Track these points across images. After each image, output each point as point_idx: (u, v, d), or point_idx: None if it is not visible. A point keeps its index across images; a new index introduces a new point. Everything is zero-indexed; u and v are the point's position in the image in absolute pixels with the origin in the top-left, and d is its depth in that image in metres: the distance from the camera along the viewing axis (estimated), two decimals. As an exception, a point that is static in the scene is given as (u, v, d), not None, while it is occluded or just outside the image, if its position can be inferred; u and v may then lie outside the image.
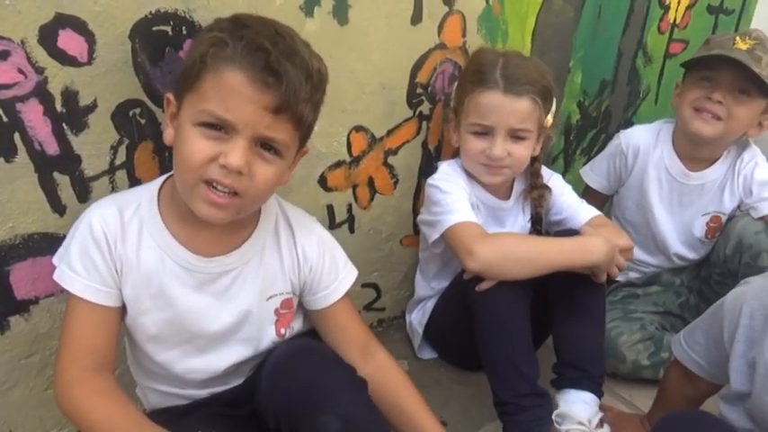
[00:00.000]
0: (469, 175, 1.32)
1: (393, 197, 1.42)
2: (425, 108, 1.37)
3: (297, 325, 1.06)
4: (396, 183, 1.41)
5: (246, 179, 0.82)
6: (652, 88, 1.97)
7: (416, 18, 1.24)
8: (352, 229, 1.39)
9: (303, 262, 1.00)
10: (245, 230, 0.96)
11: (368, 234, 1.43)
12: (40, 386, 1.07)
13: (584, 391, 1.18)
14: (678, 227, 1.56)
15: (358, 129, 1.28)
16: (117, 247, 0.89)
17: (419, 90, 1.33)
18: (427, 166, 1.44)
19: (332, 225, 1.35)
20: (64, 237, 0.96)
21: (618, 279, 1.55)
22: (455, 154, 1.38)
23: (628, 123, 1.93)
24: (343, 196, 1.33)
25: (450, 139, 1.34)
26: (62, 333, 0.90)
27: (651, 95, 1.99)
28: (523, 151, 1.26)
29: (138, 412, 0.89)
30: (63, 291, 0.96)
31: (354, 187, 1.34)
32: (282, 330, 1.02)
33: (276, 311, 1.00)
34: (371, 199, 1.39)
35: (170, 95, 0.87)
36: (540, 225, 1.41)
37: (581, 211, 1.36)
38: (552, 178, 1.40)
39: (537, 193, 1.36)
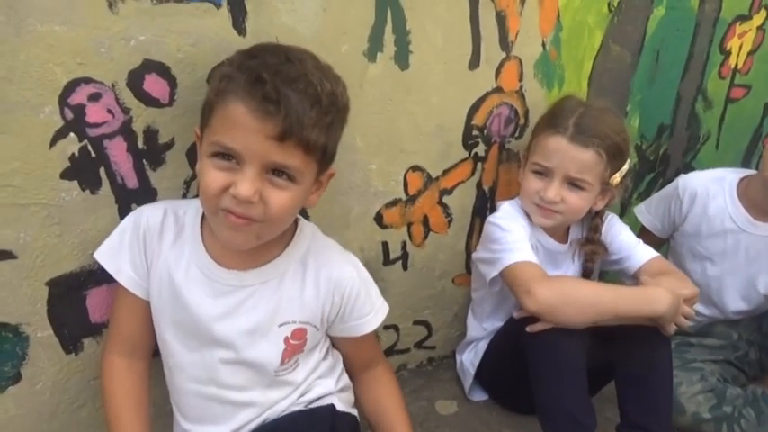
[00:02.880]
0: (530, 219, 1.33)
1: (447, 236, 1.44)
2: (481, 150, 1.39)
3: (302, 374, 1.04)
4: (450, 222, 1.43)
5: (260, 206, 0.85)
6: (713, 133, 1.94)
7: (474, 63, 1.28)
8: (405, 266, 1.41)
9: (330, 294, 1.01)
10: (270, 253, 0.98)
11: (421, 272, 1.45)
12: (106, 406, 1.12)
13: None
14: (739, 280, 1.51)
15: (415, 168, 1.31)
16: (152, 242, 0.97)
17: (475, 132, 1.36)
18: (481, 207, 1.46)
19: (386, 261, 1.37)
20: (137, 265, 1.03)
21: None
22: (511, 196, 1.39)
23: (687, 168, 1.90)
24: (398, 233, 1.36)
25: (518, 178, 1.37)
26: (109, 320, 1.04)
27: (712, 140, 1.95)
28: (578, 201, 1.26)
29: (137, 400, 1.01)
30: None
31: (409, 225, 1.37)
32: (287, 360, 1.01)
33: (286, 340, 1.00)
34: (425, 237, 1.41)
35: (197, 129, 0.92)
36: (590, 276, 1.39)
37: (638, 252, 1.34)
38: (609, 218, 1.39)
39: (591, 248, 1.35)
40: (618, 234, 1.37)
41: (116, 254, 0.97)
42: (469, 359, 1.45)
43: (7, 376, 1.00)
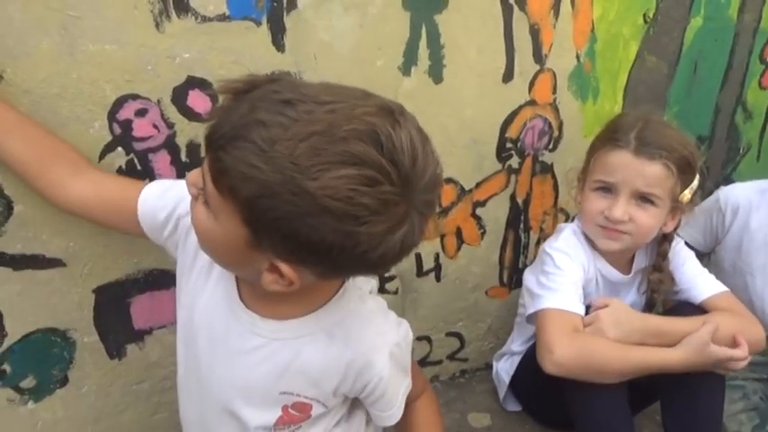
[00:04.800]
0: (592, 246, 1.26)
1: (480, 248, 1.45)
2: (514, 162, 1.40)
3: None
4: (483, 234, 1.43)
5: None
6: (753, 144, 1.90)
7: (508, 76, 1.29)
8: (438, 278, 1.42)
9: (351, 380, 0.85)
10: (296, 309, 0.82)
11: (454, 283, 1.45)
12: (148, 411, 1.16)
13: None
14: None
15: (448, 181, 1.32)
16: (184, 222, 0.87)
17: (508, 144, 1.36)
18: (515, 219, 1.46)
19: (419, 273, 1.38)
20: (178, 274, 1.07)
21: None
22: (545, 209, 1.38)
23: (727, 180, 1.86)
24: (431, 245, 1.37)
25: (575, 201, 1.31)
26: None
27: (752, 152, 1.91)
28: (648, 219, 1.17)
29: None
30: (174, 322, 1.06)
31: (442, 237, 1.38)
32: (284, 426, 0.88)
33: (285, 408, 0.86)
34: (459, 249, 1.41)
35: None
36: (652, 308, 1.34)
37: (699, 285, 1.26)
38: (675, 243, 1.30)
39: (657, 276, 1.26)
40: (682, 263, 1.28)
41: (156, 186, 0.91)
42: (505, 369, 1.44)
43: (55, 379, 1.05)
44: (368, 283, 0.91)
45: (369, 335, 0.84)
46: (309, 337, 0.82)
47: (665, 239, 1.26)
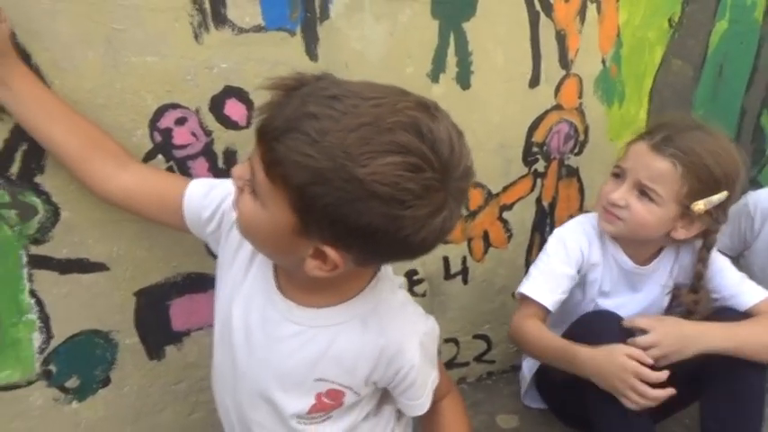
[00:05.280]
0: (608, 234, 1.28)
1: (507, 251, 1.46)
2: (540, 166, 1.41)
3: (339, 426, 0.92)
4: (510, 237, 1.45)
5: None
6: (780, 146, 1.89)
7: (534, 82, 1.31)
8: (465, 281, 1.44)
9: (383, 366, 0.87)
10: (330, 299, 0.85)
11: (481, 285, 1.47)
12: (185, 411, 1.19)
13: None
14: None
15: (475, 185, 1.34)
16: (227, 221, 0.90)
17: (535, 149, 1.38)
18: (540, 222, 1.47)
19: (447, 276, 1.40)
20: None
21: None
22: (570, 212, 1.40)
23: (753, 183, 1.85)
24: (458, 248, 1.39)
25: None
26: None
27: (779, 154, 1.90)
28: (643, 212, 1.18)
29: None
30: (211, 324, 1.09)
31: (469, 240, 1.40)
32: (316, 415, 0.90)
33: (318, 396, 0.88)
34: (485, 252, 1.43)
35: None
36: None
37: (744, 292, 1.25)
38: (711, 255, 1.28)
39: (693, 298, 1.26)
40: (720, 270, 1.27)
41: (202, 184, 0.94)
42: (528, 365, 1.45)
43: (98, 380, 1.08)
44: (397, 278, 0.95)
45: (401, 323, 0.88)
46: (344, 325, 0.85)
47: (699, 261, 1.24)
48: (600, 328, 1.20)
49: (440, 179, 0.68)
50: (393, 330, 0.86)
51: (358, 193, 0.65)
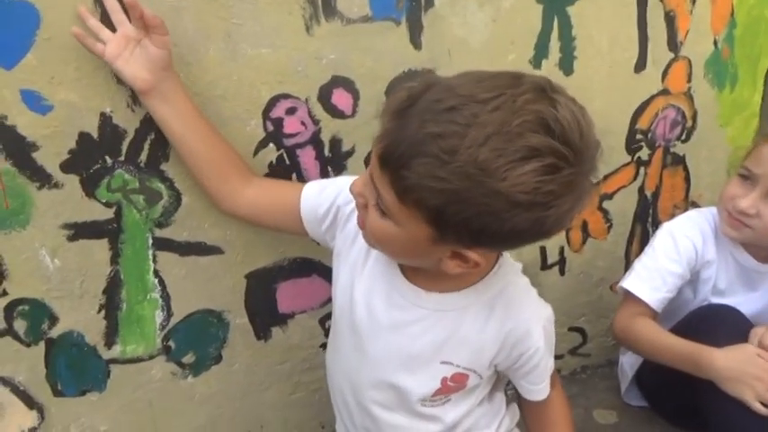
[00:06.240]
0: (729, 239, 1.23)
1: (606, 242, 1.42)
2: (644, 154, 1.36)
3: (452, 414, 0.93)
4: (609, 227, 1.41)
5: None
6: None
7: (641, 66, 1.26)
8: (562, 272, 1.41)
9: (508, 348, 0.88)
10: (458, 283, 0.86)
11: (578, 277, 1.43)
12: (288, 390, 1.24)
13: None
14: None
15: (575, 173, 1.31)
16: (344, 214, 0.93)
17: (639, 136, 1.33)
18: (643, 212, 1.42)
19: (543, 266, 1.38)
20: (319, 262, 1.13)
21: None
22: (675, 202, 1.34)
23: None
24: (556, 238, 1.36)
25: None
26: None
27: None
28: None
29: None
30: (314, 308, 1.13)
31: (568, 230, 1.37)
32: (438, 398, 0.92)
33: (444, 380, 0.89)
34: (584, 242, 1.40)
35: None
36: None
37: None
38: None
39: None
40: None
41: (315, 185, 0.98)
42: (630, 362, 1.40)
43: (211, 356, 1.15)
44: (517, 264, 0.94)
45: (527, 305, 0.89)
46: (470, 309, 0.86)
47: None
48: (726, 326, 1.14)
49: (576, 171, 0.67)
50: (521, 312, 0.87)
51: (501, 206, 0.66)
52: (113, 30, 0.87)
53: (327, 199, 0.95)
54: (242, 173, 0.98)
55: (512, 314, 0.86)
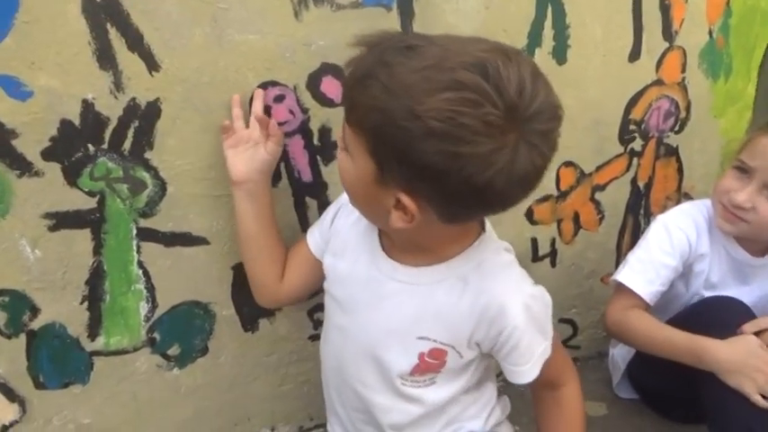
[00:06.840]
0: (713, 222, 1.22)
1: (597, 233, 1.41)
2: (637, 145, 1.35)
3: (437, 396, 0.92)
4: (601, 219, 1.40)
5: None
6: None
7: (635, 55, 1.24)
8: (553, 263, 1.40)
9: (484, 324, 0.86)
10: (432, 258, 0.87)
11: (569, 269, 1.42)
12: (275, 382, 1.22)
13: None
14: None
15: (567, 164, 1.30)
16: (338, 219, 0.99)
17: (632, 126, 1.32)
18: (635, 204, 1.41)
19: (534, 258, 1.37)
20: (308, 252, 1.12)
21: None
22: (667, 193, 1.33)
23: None
24: (547, 230, 1.35)
25: None
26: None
27: None
28: None
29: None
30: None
31: (559, 222, 1.36)
32: (417, 376, 0.91)
33: (421, 355, 0.89)
34: (575, 234, 1.39)
35: None
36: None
37: None
38: None
39: None
40: None
41: (312, 228, 1.05)
42: (621, 354, 1.39)
43: (197, 348, 1.13)
44: (504, 242, 0.94)
45: (503, 282, 0.87)
46: (444, 282, 0.86)
47: None
48: (729, 317, 1.13)
49: (504, 117, 0.66)
50: (494, 287, 0.85)
51: (417, 132, 0.66)
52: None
53: (326, 221, 1.01)
54: (280, 268, 1.05)
55: (485, 287, 0.85)
